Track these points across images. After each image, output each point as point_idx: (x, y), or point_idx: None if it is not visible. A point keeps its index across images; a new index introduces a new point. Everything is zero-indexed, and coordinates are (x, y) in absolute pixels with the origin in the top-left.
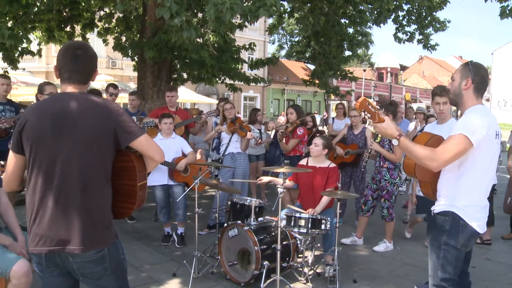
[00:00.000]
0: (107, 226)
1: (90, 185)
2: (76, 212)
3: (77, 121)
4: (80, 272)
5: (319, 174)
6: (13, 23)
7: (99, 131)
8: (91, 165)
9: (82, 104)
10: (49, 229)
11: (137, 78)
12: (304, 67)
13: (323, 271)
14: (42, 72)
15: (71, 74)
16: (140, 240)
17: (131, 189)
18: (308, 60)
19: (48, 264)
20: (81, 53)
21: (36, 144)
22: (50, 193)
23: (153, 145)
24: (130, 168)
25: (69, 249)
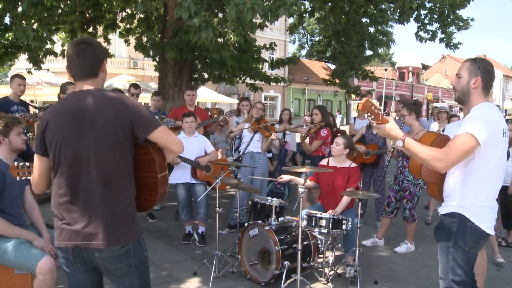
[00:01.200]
0: (131, 221)
1: (112, 180)
2: (100, 207)
3: (95, 117)
4: (105, 268)
5: (340, 174)
6: (38, 25)
7: (117, 125)
8: (112, 160)
9: (99, 100)
10: (74, 224)
11: (158, 78)
12: (325, 67)
13: (343, 272)
14: (65, 73)
15: (78, 69)
16: (161, 239)
17: (153, 181)
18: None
19: (75, 260)
20: (83, 47)
21: (59, 143)
22: (74, 190)
23: (171, 136)
24: (149, 160)
25: (94, 245)
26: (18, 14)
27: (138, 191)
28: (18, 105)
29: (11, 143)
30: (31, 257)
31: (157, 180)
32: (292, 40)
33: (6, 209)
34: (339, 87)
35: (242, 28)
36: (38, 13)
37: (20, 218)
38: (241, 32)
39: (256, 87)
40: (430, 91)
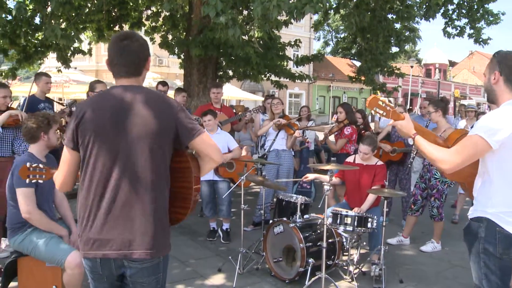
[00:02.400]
0: (165, 232)
1: (149, 187)
2: (134, 215)
3: (136, 116)
4: (132, 279)
5: (365, 171)
6: (66, 24)
7: (160, 127)
8: (151, 165)
9: (142, 99)
10: (105, 232)
11: (184, 75)
12: (350, 64)
13: (368, 270)
14: (92, 71)
15: (121, 67)
16: (185, 235)
17: (186, 192)
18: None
19: (103, 271)
20: (127, 43)
21: (94, 139)
22: (108, 194)
23: (213, 144)
24: (185, 169)
25: (126, 254)
26: (48, 14)
27: (170, 202)
28: (44, 103)
29: (49, 140)
30: (60, 252)
31: (191, 191)
32: (317, 37)
33: (40, 204)
34: (365, 84)
35: (268, 25)
36: (66, 13)
37: (50, 213)
38: (267, 29)
39: (281, 84)
40: (458, 88)
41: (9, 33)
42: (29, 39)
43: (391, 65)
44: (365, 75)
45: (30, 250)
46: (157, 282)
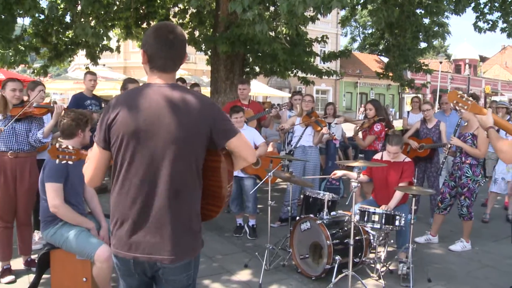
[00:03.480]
0: (198, 233)
1: (183, 188)
2: (168, 216)
3: (172, 116)
4: (164, 277)
5: (393, 168)
6: (95, 22)
7: (196, 128)
8: (185, 166)
9: (179, 98)
10: (136, 236)
11: (210, 72)
12: (378, 60)
13: (396, 268)
14: (120, 68)
15: (166, 61)
16: (212, 231)
17: (218, 191)
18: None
19: (136, 270)
20: (174, 37)
21: (126, 141)
22: (140, 198)
23: (248, 145)
24: (218, 168)
25: (157, 259)
26: (78, 12)
27: (202, 199)
28: (91, 100)
29: (84, 138)
30: (90, 246)
31: (224, 190)
32: (344, 33)
33: (68, 199)
34: (392, 80)
35: (295, 21)
36: (95, 11)
37: (80, 208)
38: (293, 25)
39: (308, 81)
40: (489, 84)
41: (41, 32)
42: (60, 37)
43: (419, 61)
44: (393, 71)
45: (61, 243)
46: (188, 278)
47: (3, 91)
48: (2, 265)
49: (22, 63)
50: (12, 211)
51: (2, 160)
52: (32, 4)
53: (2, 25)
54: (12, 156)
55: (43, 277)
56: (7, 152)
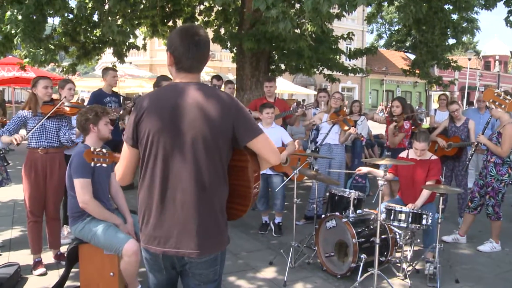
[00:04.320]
0: (224, 228)
1: (208, 185)
2: (194, 212)
3: (197, 115)
4: (191, 271)
5: (420, 166)
6: (121, 20)
7: (219, 126)
8: (209, 163)
9: (203, 97)
10: (164, 230)
11: (236, 69)
12: (404, 57)
13: (422, 268)
14: (146, 65)
15: (193, 62)
16: (237, 228)
17: (245, 191)
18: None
19: (165, 264)
20: (200, 39)
21: (153, 138)
22: (167, 192)
23: (271, 146)
24: (244, 168)
25: (184, 253)
26: (105, 11)
27: (229, 199)
28: (110, 96)
29: (99, 132)
30: (118, 240)
31: (251, 190)
32: (370, 30)
33: (96, 194)
34: (419, 77)
35: (320, 18)
36: (122, 9)
37: (107, 203)
38: (319, 22)
39: (334, 78)
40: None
41: (70, 31)
42: (88, 36)
43: (447, 57)
44: (420, 68)
45: (89, 238)
46: (215, 273)
47: (34, 88)
48: (33, 258)
49: (51, 62)
50: (41, 206)
51: (33, 157)
52: (62, 4)
53: (34, 25)
54: (43, 152)
55: (72, 270)
56: (38, 148)
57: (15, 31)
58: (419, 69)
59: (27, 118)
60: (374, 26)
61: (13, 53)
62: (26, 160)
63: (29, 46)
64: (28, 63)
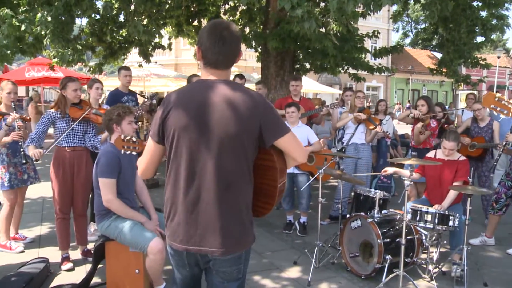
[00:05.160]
0: (249, 227)
1: (234, 183)
2: (218, 210)
3: (222, 113)
4: (215, 268)
5: (447, 167)
6: (147, 20)
7: (245, 125)
8: (234, 162)
9: (230, 95)
10: (189, 227)
11: (261, 68)
12: (430, 55)
13: (449, 270)
14: (171, 65)
15: (219, 57)
16: (262, 227)
17: (271, 190)
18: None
19: (189, 261)
20: (227, 34)
21: (179, 134)
22: (192, 190)
23: (298, 145)
24: (271, 168)
25: (207, 251)
26: (131, 11)
27: (254, 197)
28: (127, 95)
29: (122, 131)
30: (143, 238)
31: (276, 189)
32: (395, 29)
33: (121, 193)
34: (446, 76)
35: (345, 18)
36: (148, 10)
37: (132, 202)
38: (344, 21)
39: (359, 77)
40: None
41: (97, 31)
42: (114, 36)
43: (475, 55)
44: (447, 67)
45: (115, 235)
46: (239, 272)
47: (63, 90)
48: (61, 253)
49: (79, 62)
50: (69, 203)
51: (61, 155)
52: (89, 5)
53: (62, 26)
54: (70, 150)
55: (99, 267)
56: (65, 147)
57: (45, 32)
58: (446, 68)
59: (56, 119)
60: (400, 24)
61: (42, 54)
62: (53, 158)
63: (57, 46)
64: (56, 63)
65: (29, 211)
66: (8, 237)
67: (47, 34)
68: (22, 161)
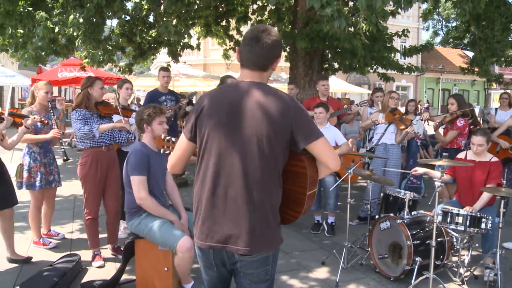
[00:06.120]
0: (275, 229)
1: (261, 184)
2: (247, 211)
3: (253, 114)
4: (242, 270)
5: (479, 168)
6: (176, 21)
7: (276, 127)
8: (262, 165)
9: (262, 96)
10: (214, 225)
11: (289, 68)
12: (462, 54)
13: (481, 274)
14: (200, 65)
15: (251, 57)
16: (290, 227)
17: (300, 197)
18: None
19: (216, 261)
20: (263, 36)
21: (210, 133)
22: (220, 188)
23: (330, 151)
24: (301, 174)
25: (232, 249)
26: (161, 12)
27: (282, 203)
28: (166, 95)
29: (153, 131)
30: (173, 237)
31: (305, 197)
32: (425, 27)
33: (152, 191)
34: (479, 75)
35: (375, 16)
36: (177, 10)
37: (162, 200)
38: (373, 20)
39: (388, 77)
40: None
41: (127, 32)
42: (144, 36)
43: (509, 54)
44: (479, 65)
45: (145, 233)
46: (266, 273)
47: (90, 88)
48: (93, 250)
49: (109, 62)
50: (100, 202)
51: (96, 154)
52: (119, 6)
53: (94, 27)
54: (106, 150)
55: (128, 264)
56: (101, 146)
57: (77, 33)
58: (478, 67)
59: (87, 117)
60: (430, 23)
61: (74, 55)
62: (87, 157)
63: (88, 47)
64: (87, 63)
65: (61, 208)
66: (39, 235)
67: (78, 35)
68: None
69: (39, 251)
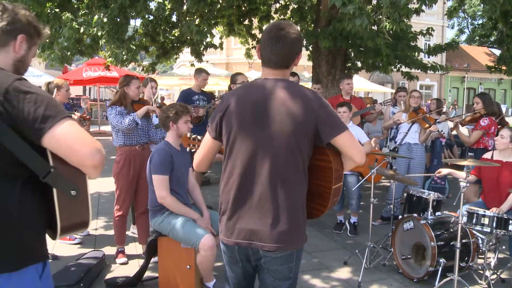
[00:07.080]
0: (301, 226)
1: (287, 181)
2: (273, 207)
3: (278, 111)
4: (266, 266)
5: (506, 169)
6: (199, 20)
7: (300, 124)
8: (289, 160)
9: (286, 93)
10: (241, 222)
11: (312, 67)
12: (488, 52)
13: (509, 278)
14: (222, 64)
15: (271, 55)
16: (312, 226)
17: (325, 191)
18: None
19: (240, 257)
20: (283, 33)
21: (236, 131)
22: (246, 185)
23: (356, 144)
24: (326, 168)
25: (258, 245)
26: (183, 12)
27: (308, 198)
28: (199, 95)
29: (178, 130)
30: (195, 235)
31: (331, 191)
32: (450, 25)
33: (174, 189)
34: (506, 74)
35: (399, 14)
36: (200, 9)
37: (185, 198)
38: (397, 18)
39: (412, 76)
40: None
41: (150, 31)
42: (167, 36)
43: None
44: (507, 64)
45: (168, 231)
46: (290, 271)
47: (126, 87)
48: (117, 247)
49: (132, 61)
50: (131, 200)
51: (131, 153)
52: (143, 6)
53: (118, 27)
54: (140, 149)
55: (151, 261)
56: (136, 145)
57: (101, 33)
58: (505, 65)
59: (123, 114)
60: (455, 20)
61: (99, 54)
62: (121, 156)
63: (112, 47)
64: (111, 63)
65: None
66: None
67: (103, 35)
68: None
69: (65, 247)
